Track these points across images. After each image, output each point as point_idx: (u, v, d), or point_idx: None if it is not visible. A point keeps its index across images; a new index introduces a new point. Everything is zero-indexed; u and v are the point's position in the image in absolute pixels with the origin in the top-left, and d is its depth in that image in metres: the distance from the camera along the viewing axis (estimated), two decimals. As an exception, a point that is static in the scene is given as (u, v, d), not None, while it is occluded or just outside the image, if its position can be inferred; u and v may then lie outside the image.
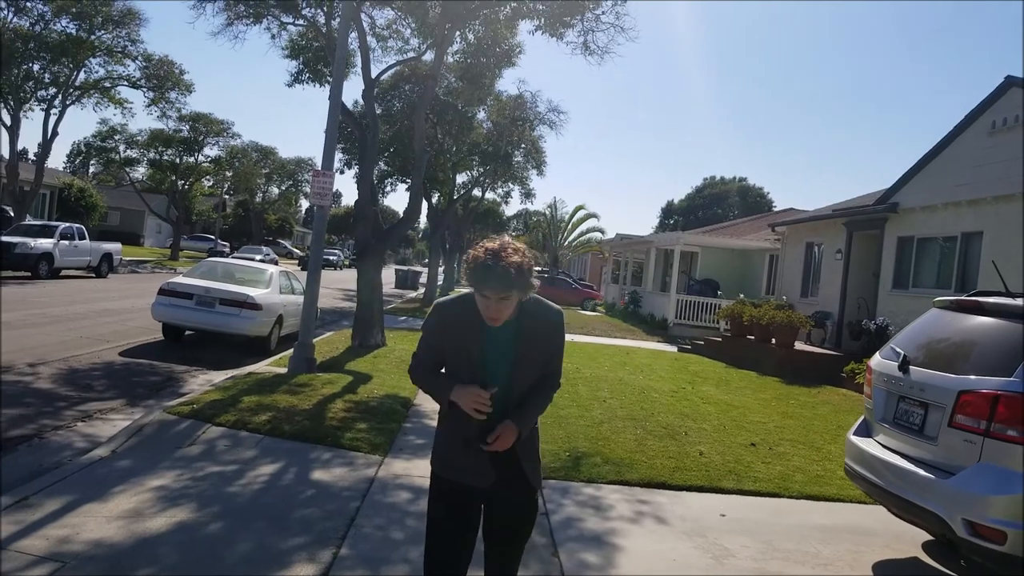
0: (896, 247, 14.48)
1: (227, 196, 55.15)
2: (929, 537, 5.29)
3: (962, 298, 4.93)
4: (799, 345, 15.36)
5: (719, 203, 70.68)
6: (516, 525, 2.84)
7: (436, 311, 2.78)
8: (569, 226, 51.02)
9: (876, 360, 5.26)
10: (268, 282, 12.98)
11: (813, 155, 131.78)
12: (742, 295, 19.47)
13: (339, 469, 6.04)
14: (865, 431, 5.20)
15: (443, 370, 2.81)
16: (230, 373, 9.98)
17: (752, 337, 15.98)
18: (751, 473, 6.81)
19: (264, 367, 10.54)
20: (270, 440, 6.72)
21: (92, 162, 59.20)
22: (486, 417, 2.59)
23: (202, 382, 9.67)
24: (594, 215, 48.90)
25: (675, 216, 74.87)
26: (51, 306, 15.60)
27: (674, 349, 18.99)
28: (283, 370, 10.12)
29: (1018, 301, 4.48)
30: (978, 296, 4.97)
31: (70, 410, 7.61)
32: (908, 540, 5.42)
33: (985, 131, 12.12)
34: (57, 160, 46.84)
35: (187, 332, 12.78)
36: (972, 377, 4.24)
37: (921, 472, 4.37)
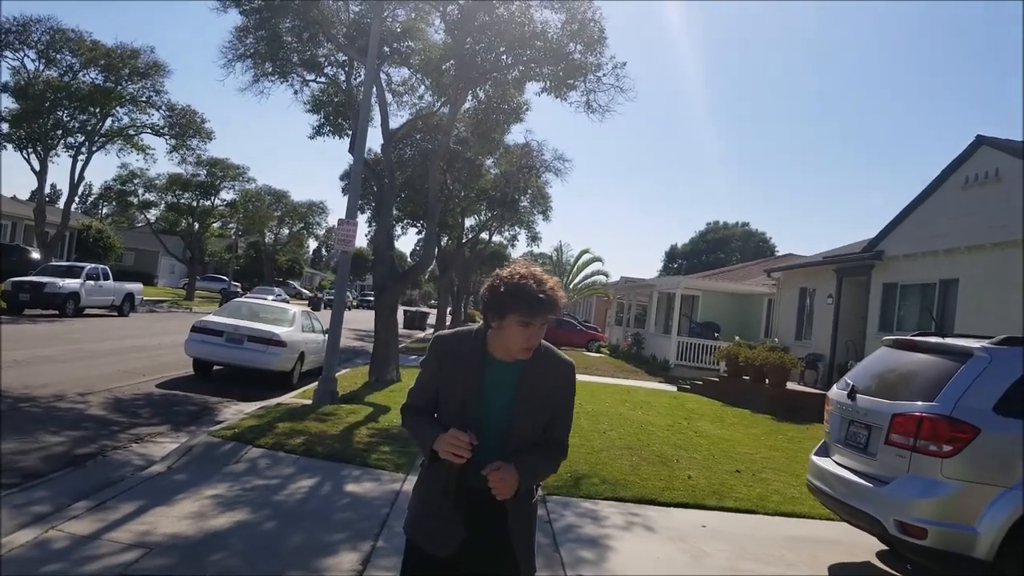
0: (882, 292, 15.40)
1: (238, 237, 56.53)
2: (882, 547, 6.09)
3: (902, 338, 5.83)
4: (791, 385, 16.16)
5: (722, 247, 71.85)
6: None
7: (434, 343, 2.53)
8: (574, 269, 52.03)
9: (833, 391, 6.15)
10: (291, 321, 13.92)
11: (814, 202, 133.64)
12: (738, 337, 20.31)
13: (368, 483, 6.90)
14: (824, 451, 6.06)
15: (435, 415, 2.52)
16: (260, 404, 10.85)
17: (747, 378, 16.79)
18: (733, 494, 7.64)
19: (290, 399, 11.42)
20: (305, 459, 7.59)
21: (103, 204, 61.03)
22: (464, 462, 2.28)
23: (234, 411, 10.53)
24: (599, 259, 49.94)
25: (679, 260, 76.00)
26: (84, 342, 16.54)
27: (674, 388, 19.77)
28: (308, 401, 10.98)
29: (946, 340, 5.38)
30: (919, 336, 5.87)
31: (123, 433, 8.49)
32: (865, 548, 6.22)
33: (959, 186, 13.13)
34: (64, 201, 48.31)
35: (216, 367, 13.67)
36: (903, 402, 5.12)
37: (863, 483, 5.23)
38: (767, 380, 15.99)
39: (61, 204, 45.39)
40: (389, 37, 14.15)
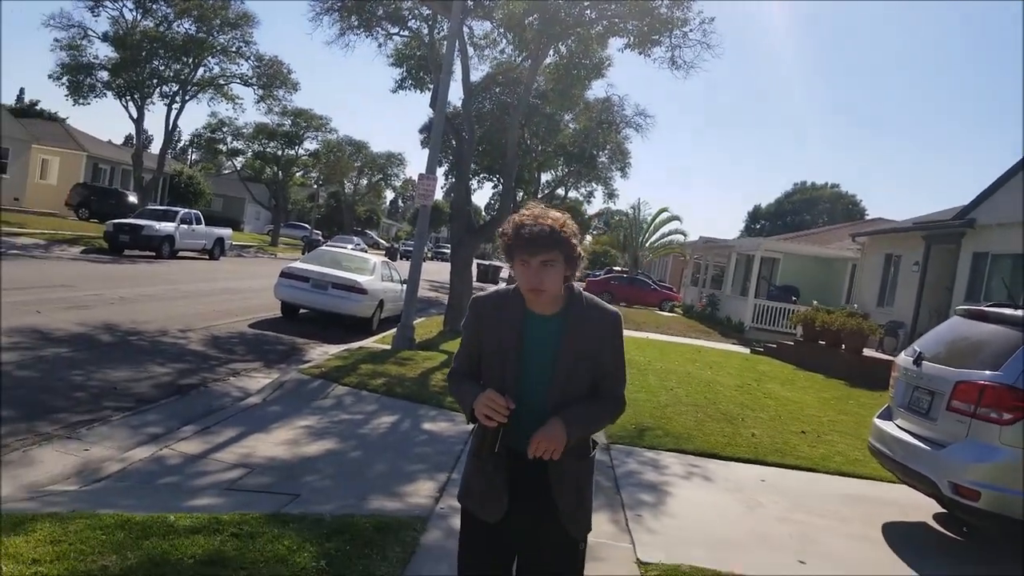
0: (971, 262, 14.91)
1: (319, 187, 58.16)
2: (939, 510, 6.21)
3: (973, 308, 5.85)
4: (869, 352, 15.91)
5: (809, 209, 69.54)
6: None
7: (472, 305, 2.49)
8: (651, 227, 51.48)
9: (900, 357, 6.22)
10: (372, 270, 14.55)
11: (908, 166, 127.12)
12: (815, 302, 20.01)
13: (443, 423, 7.39)
14: (887, 415, 6.17)
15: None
16: (343, 347, 11.53)
17: (823, 342, 16.60)
18: (795, 452, 7.81)
19: (371, 343, 12.06)
20: (386, 399, 8.15)
21: (193, 151, 63.54)
22: (498, 427, 2.23)
23: (320, 352, 11.23)
24: (677, 218, 49.03)
25: (762, 220, 74.04)
26: (180, 283, 17.67)
27: (747, 351, 19.70)
28: (387, 346, 11.59)
29: (1018, 312, 5.40)
30: (992, 307, 5.88)
31: (221, 367, 9.24)
32: (922, 510, 6.34)
33: (1058, 153, 12.52)
34: (155, 147, 50.45)
35: (301, 311, 14.46)
36: (967, 370, 5.20)
37: (922, 445, 5.36)
38: (843, 346, 15.79)
39: (152, 150, 47.72)
40: (472, -12, 14.32)
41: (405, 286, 15.37)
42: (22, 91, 77.80)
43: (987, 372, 5.07)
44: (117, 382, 7.66)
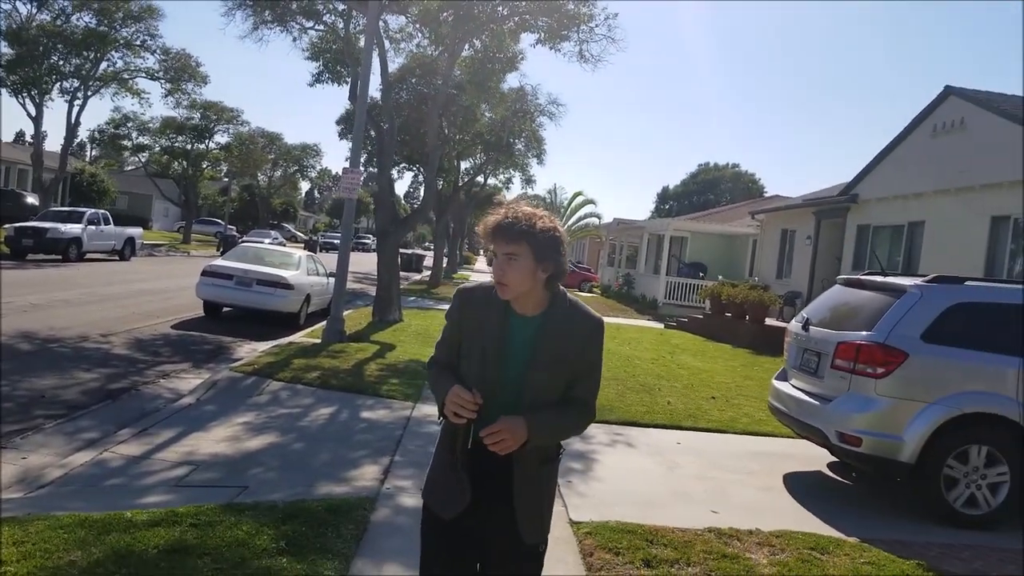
0: (856, 234, 16.15)
1: (231, 180, 56.63)
2: (832, 459, 6.97)
3: (851, 276, 6.59)
4: (770, 321, 17.02)
5: (712, 189, 72.21)
6: None
7: (456, 296, 2.48)
8: (568, 211, 52.48)
9: (792, 323, 6.94)
10: (297, 264, 14.59)
11: (803, 145, 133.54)
12: (721, 277, 21.12)
13: (382, 411, 7.71)
14: (783, 377, 6.88)
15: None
16: (272, 343, 11.62)
17: (729, 315, 17.63)
18: (706, 416, 8.51)
19: (300, 338, 12.19)
20: (322, 391, 8.39)
21: (92, 147, 60.80)
22: (468, 424, 2.21)
23: (248, 350, 11.29)
24: (591, 201, 50.18)
25: (670, 201, 76.39)
26: (93, 286, 17.18)
27: (661, 326, 20.64)
28: (317, 340, 11.75)
29: (887, 279, 6.13)
30: (870, 275, 6.62)
31: (149, 370, 9.24)
32: (817, 461, 7.10)
33: (928, 133, 13.74)
34: (54, 144, 48.04)
35: (225, 309, 14.38)
36: (847, 332, 5.90)
37: (812, 401, 6.05)
38: (747, 317, 16.84)
39: (48, 148, 45.38)
40: (388, -15, 14.45)
41: (331, 279, 15.53)
42: None
43: (863, 332, 5.78)
44: (44, 390, 7.63)
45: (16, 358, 8.86)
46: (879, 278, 6.29)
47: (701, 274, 25.42)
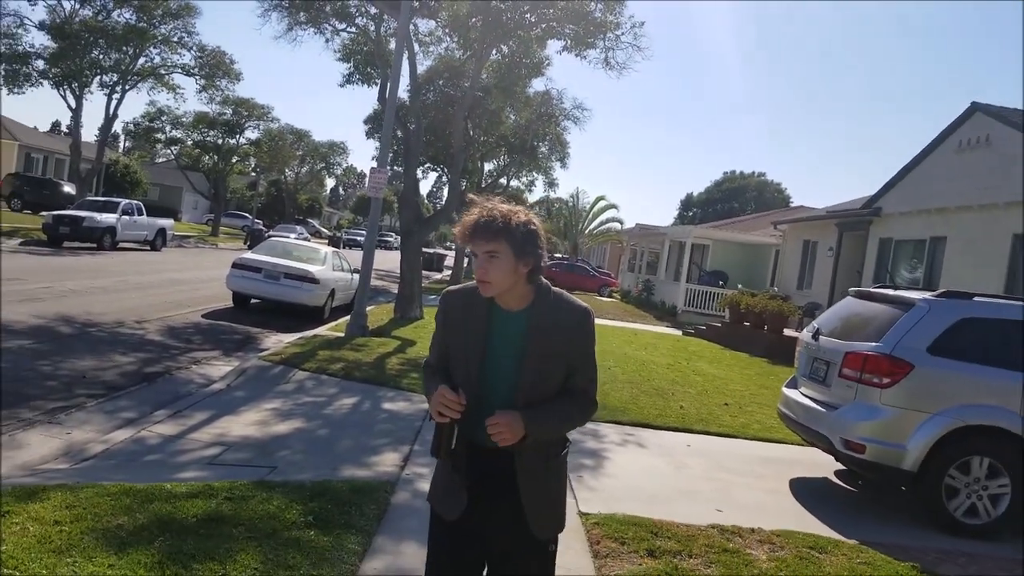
0: (878, 247, 16.21)
1: (259, 175, 57.41)
2: (840, 467, 7.14)
3: (862, 289, 6.76)
4: (789, 332, 17.10)
5: (737, 197, 71.93)
6: None
7: (442, 299, 2.49)
8: (589, 215, 52.63)
9: (803, 333, 7.12)
10: (323, 260, 14.97)
11: (830, 155, 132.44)
12: (740, 285, 21.22)
13: (402, 403, 8.01)
14: (793, 384, 7.07)
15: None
16: (298, 335, 11.97)
17: (748, 324, 17.75)
18: (718, 421, 8.70)
19: (325, 331, 12.53)
20: (346, 382, 8.70)
21: (126, 139, 62.06)
22: (452, 423, 2.19)
23: (275, 340, 11.66)
24: (614, 206, 50.34)
25: (694, 209, 76.21)
26: (127, 275, 17.70)
27: (679, 333, 20.79)
28: (341, 334, 12.07)
29: (897, 292, 6.31)
30: (882, 288, 6.80)
31: (182, 356, 9.63)
32: (825, 468, 7.27)
33: (953, 149, 13.81)
34: (88, 135, 49.06)
35: (253, 300, 14.78)
36: (855, 343, 6.09)
37: (819, 408, 6.25)
38: (766, 327, 16.95)
39: (84, 139, 46.36)
40: (418, -11, 14.80)
41: (355, 275, 15.89)
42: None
43: (870, 343, 5.97)
44: (85, 371, 8.02)
45: (57, 340, 9.28)
46: (889, 291, 6.47)
47: (721, 282, 25.49)
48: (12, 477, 4.94)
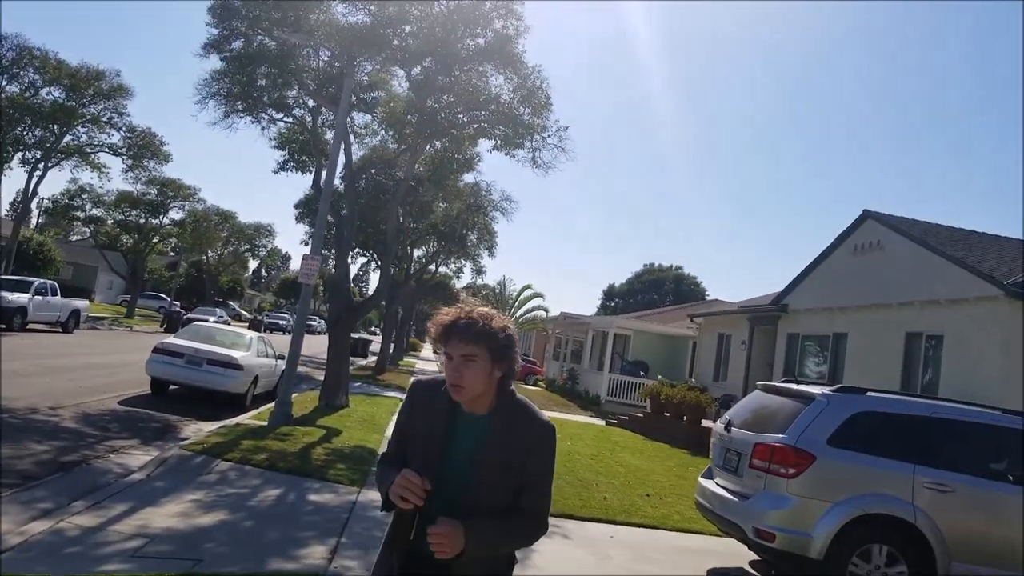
0: (786, 342, 17.18)
1: (181, 256, 56.29)
2: (755, 557, 7.48)
3: (768, 383, 7.30)
4: (706, 423, 17.70)
5: (656, 289, 74.46)
6: None
7: (410, 389, 2.45)
8: (516, 303, 53.37)
9: (716, 424, 7.57)
10: (248, 345, 14.82)
11: (744, 252, 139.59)
12: (660, 376, 21.91)
13: (328, 495, 7.98)
14: (708, 474, 7.45)
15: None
16: (219, 423, 11.74)
17: (668, 414, 18.29)
18: (640, 512, 8.97)
19: (247, 419, 12.32)
20: (270, 473, 8.61)
21: (40, 216, 60.29)
22: (414, 510, 2.14)
23: (195, 429, 11.40)
24: (540, 294, 51.18)
25: (616, 299, 78.31)
26: (40, 358, 17.00)
27: (603, 423, 21.14)
28: (263, 423, 11.91)
29: (800, 387, 6.85)
30: (786, 383, 7.34)
31: (99, 444, 9.34)
32: (741, 558, 7.60)
33: (849, 252, 15.02)
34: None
35: (171, 387, 14.42)
36: (762, 434, 6.55)
37: (732, 498, 6.61)
38: (685, 418, 17.51)
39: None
40: (357, 88, 15.44)
41: (279, 361, 15.74)
42: None
43: (777, 435, 6.43)
44: (-3, 460, 7.72)
45: (-35, 427, 8.89)
46: (793, 385, 7.01)
47: (642, 372, 26.19)
48: (-80, 573, 4.76)
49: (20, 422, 9.71)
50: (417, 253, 34.29)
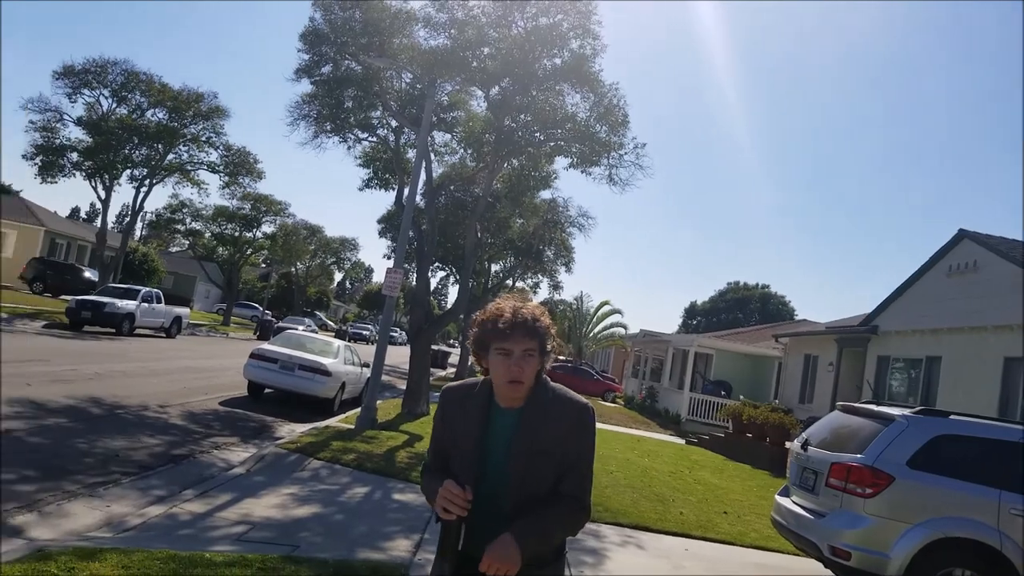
0: (876, 364, 16.71)
1: (272, 268, 58.75)
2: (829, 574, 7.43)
3: (848, 404, 7.28)
4: (790, 445, 17.35)
5: (741, 307, 72.84)
6: None
7: (441, 396, 2.46)
8: (594, 319, 53.35)
9: (793, 443, 7.58)
10: (336, 353, 15.53)
11: (834, 271, 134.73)
12: (742, 396, 21.58)
13: (411, 495, 8.38)
14: (785, 492, 7.47)
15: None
16: (310, 426, 12.40)
17: (750, 435, 18.04)
18: (716, 528, 9.01)
19: (335, 423, 12.95)
20: (358, 472, 9.10)
21: (144, 228, 64.16)
22: (456, 519, 2.14)
23: (288, 430, 12.07)
24: (618, 311, 51.07)
25: (698, 317, 77.04)
26: (146, 361, 18.24)
27: (682, 441, 21.00)
28: (351, 426, 12.49)
29: (879, 408, 6.82)
30: (867, 404, 7.31)
31: (203, 440, 10.06)
32: (816, 576, 7.56)
33: (944, 273, 14.56)
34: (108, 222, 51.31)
35: (267, 390, 15.25)
36: (840, 454, 6.56)
37: (808, 516, 6.64)
38: (767, 439, 17.23)
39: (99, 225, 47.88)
40: (437, 108, 16.05)
41: (364, 369, 16.39)
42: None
43: (852, 455, 6.43)
44: (118, 450, 8.47)
45: (89, 420, 9.76)
46: (872, 406, 6.98)
47: (724, 392, 25.80)
48: (66, 541, 5.37)
49: (133, 418, 10.55)
50: (495, 268, 34.89)
